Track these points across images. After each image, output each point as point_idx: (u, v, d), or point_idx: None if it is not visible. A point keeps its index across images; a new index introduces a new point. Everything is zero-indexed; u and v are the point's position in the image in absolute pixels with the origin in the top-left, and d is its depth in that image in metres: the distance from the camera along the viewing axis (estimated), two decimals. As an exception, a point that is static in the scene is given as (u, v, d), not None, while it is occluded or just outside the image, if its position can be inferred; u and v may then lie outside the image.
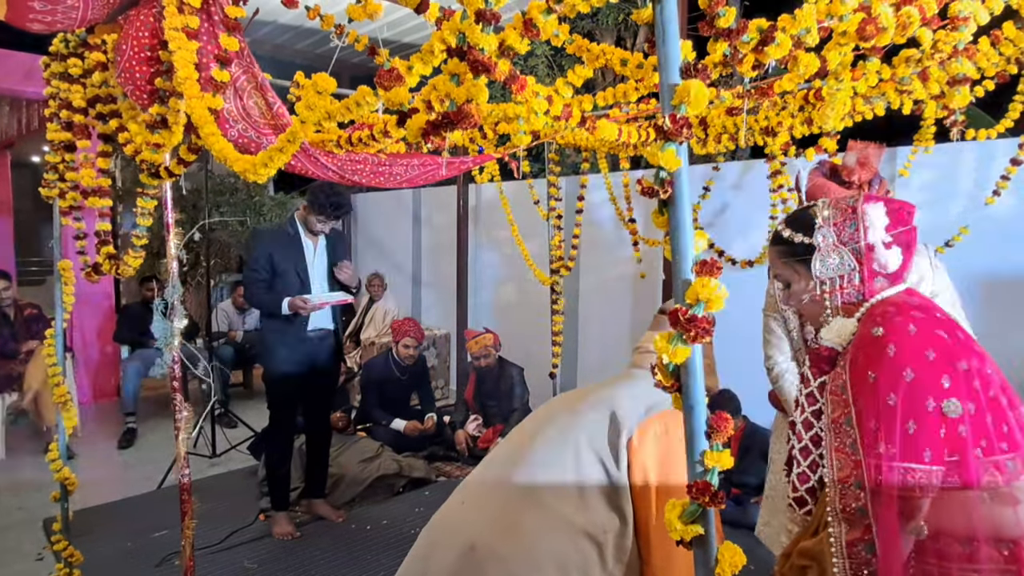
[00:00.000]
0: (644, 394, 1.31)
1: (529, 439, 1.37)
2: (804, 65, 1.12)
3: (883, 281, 1.19)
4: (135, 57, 1.53)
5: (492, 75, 0.82)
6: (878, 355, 1.08)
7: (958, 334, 1.10)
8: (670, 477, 1.20)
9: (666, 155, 0.66)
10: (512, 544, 1.22)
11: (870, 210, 1.19)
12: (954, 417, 1.04)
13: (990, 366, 1.09)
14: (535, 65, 6.04)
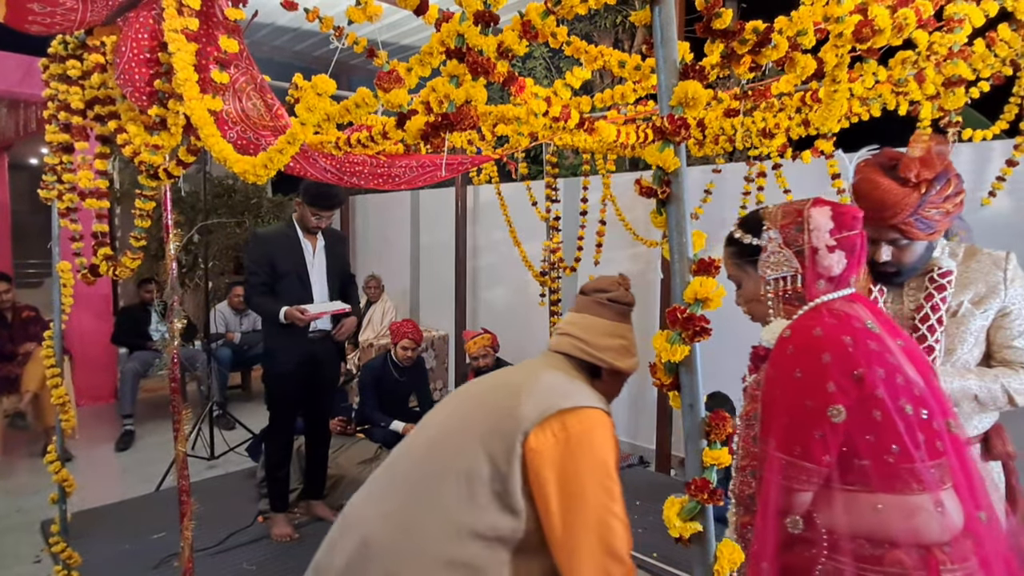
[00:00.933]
0: (550, 388, 1.28)
1: (435, 430, 1.35)
2: (801, 66, 1.13)
3: (825, 284, 1.20)
4: (134, 59, 1.54)
5: (491, 77, 0.83)
6: (780, 353, 1.13)
7: (870, 343, 1.10)
8: (568, 476, 1.17)
9: (664, 155, 0.67)
10: (401, 542, 1.20)
11: (816, 214, 1.21)
12: (837, 422, 1.05)
13: (906, 376, 1.10)
14: (533, 67, 6.05)
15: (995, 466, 1.63)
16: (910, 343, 1.18)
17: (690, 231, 0.70)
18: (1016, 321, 1.50)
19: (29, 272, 8.07)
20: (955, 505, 1.09)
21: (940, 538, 1.06)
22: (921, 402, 1.09)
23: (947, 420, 1.11)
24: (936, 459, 1.08)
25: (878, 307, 1.27)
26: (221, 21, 1.42)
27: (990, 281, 1.52)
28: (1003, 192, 2.84)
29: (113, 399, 5.54)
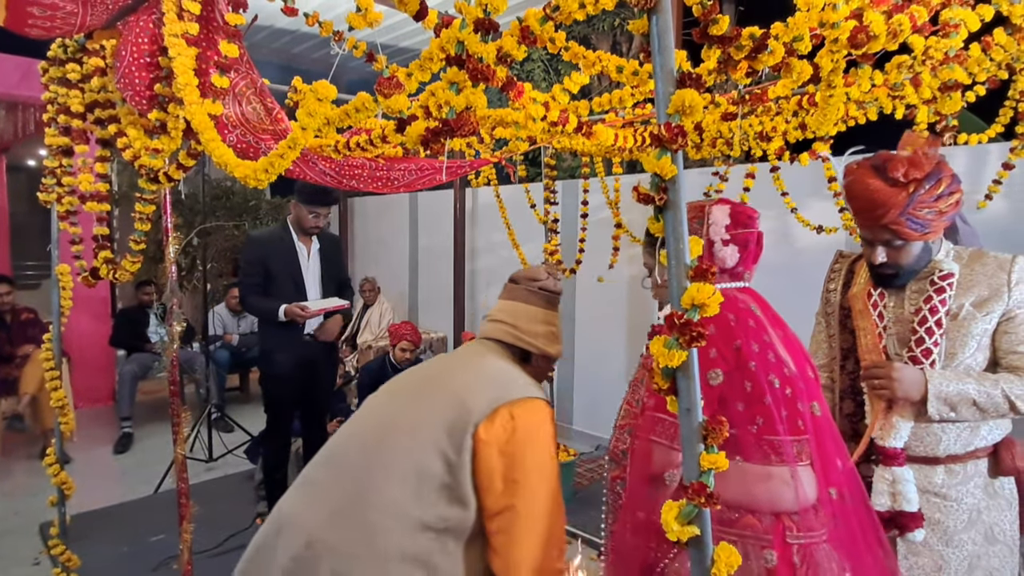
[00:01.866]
0: (494, 379, 1.31)
1: (377, 425, 1.34)
2: (797, 72, 1.14)
3: (719, 275, 1.32)
4: (134, 63, 1.54)
5: (491, 83, 0.84)
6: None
7: (749, 321, 1.21)
8: (515, 464, 1.20)
9: (662, 162, 0.68)
10: (349, 540, 1.20)
11: (715, 210, 1.33)
12: (714, 384, 1.15)
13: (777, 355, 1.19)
14: (532, 70, 6.06)
15: (1006, 482, 1.59)
16: (790, 335, 1.28)
17: (687, 237, 0.71)
18: (1021, 326, 1.48)
19: (27, 274, 8.05)
20: (810, 480, 1.17)
21: (791, 507, 1.14)
22: (788, 381, 1.17)
23: (812, 404, 1.19)
24: (796, 435, 1.16)
25: (765, 301, 1.34)
26: (221, 26, 1.43)
27: (993, 284, 1.49)
28: (999, 195, 2.85)
29: (111, 401, 5.53)
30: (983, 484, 1.56)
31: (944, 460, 1.54)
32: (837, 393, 1.70)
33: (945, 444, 1.53)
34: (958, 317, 1.50)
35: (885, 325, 1.59)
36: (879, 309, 1.60)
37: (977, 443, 1.54)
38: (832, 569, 1.13)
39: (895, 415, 1.51)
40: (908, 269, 1.52)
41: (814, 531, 1.14)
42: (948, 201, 1.46)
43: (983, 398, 1.43)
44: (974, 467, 1.55)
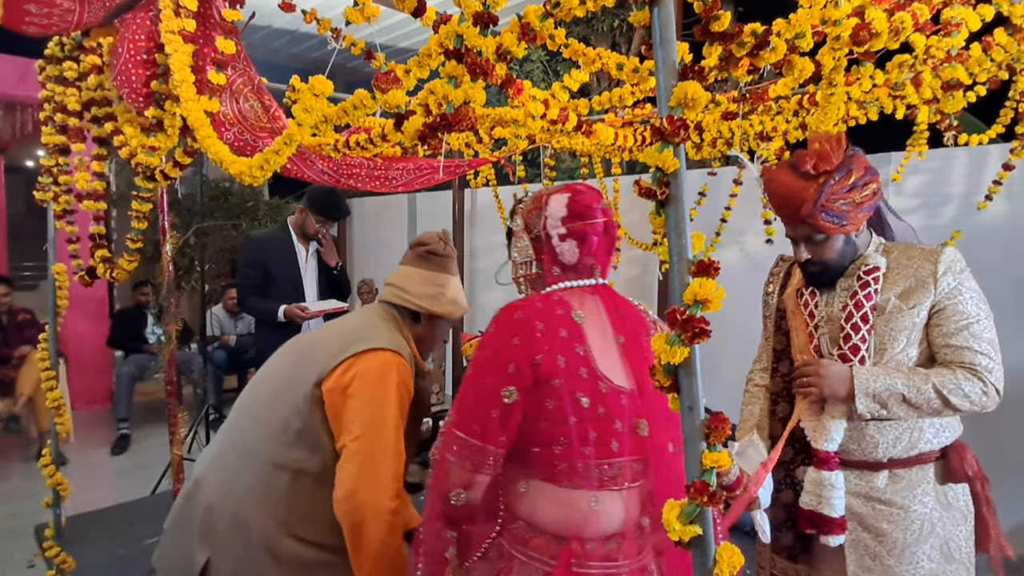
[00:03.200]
0: (347, 334, 1.41)
1: (257, 381, 1.53)
2: (799, 69, 1.13)
3: (560, 271, 1.21)
4: (131, 60, 1.53)
5: (490, 79, 0.83)
6: (486, 333, 1.16)
7: (560, 332, 1.09)
8: (353, 408, 1.29)
9: (664, 156, 0.67)
10: (227, 481, 1.36)
11: (552, 201, 1.21)
12: (509, 402, 1.06)
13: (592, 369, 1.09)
14: (531, 70, 6.06)
15: (960, 493, 1.52)
16: (633, 342, 1.15)
17: (689, 233, 0.70)
18: (952, 318, 1.42)
19: (25, 275, 8.04)
20: (616, 506, 1.08)
21: (582, 534, 1.06)
22: (602, 399, 1.07)
23: (638, 422, 1.08)
24: (607, 458, 1.06)
25: (620, 303, 1.24)
26: (218, 22, 1.42)
27: (920, 275, 1.45)
28: (999, 196, 2.85)
29: (109, 402, 5.51)
30: (934, 492, 1.48)
31: (887, 464, 1.47)
32: (770, 397, 1.66)
33: (884, 447, 1.46)
34: (885, 311, 1.46)
35: (816, 324, 1.55)
36: (809, 308, 1.57)
37: (922, 446, 1.47)
38: None
39: (826, 416, 1.47)
40: (833, 265, 1.50)
41: (610, 561, 1.05)
42: (863, 192, 1.43)
43: (913, 393, 1.37)
44: (920, 472, 1.48)
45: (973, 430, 1.61)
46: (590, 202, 1.20)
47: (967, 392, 1.37)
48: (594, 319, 1.16)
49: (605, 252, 1.22)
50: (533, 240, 1.23)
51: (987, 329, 1.42)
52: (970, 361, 1.39)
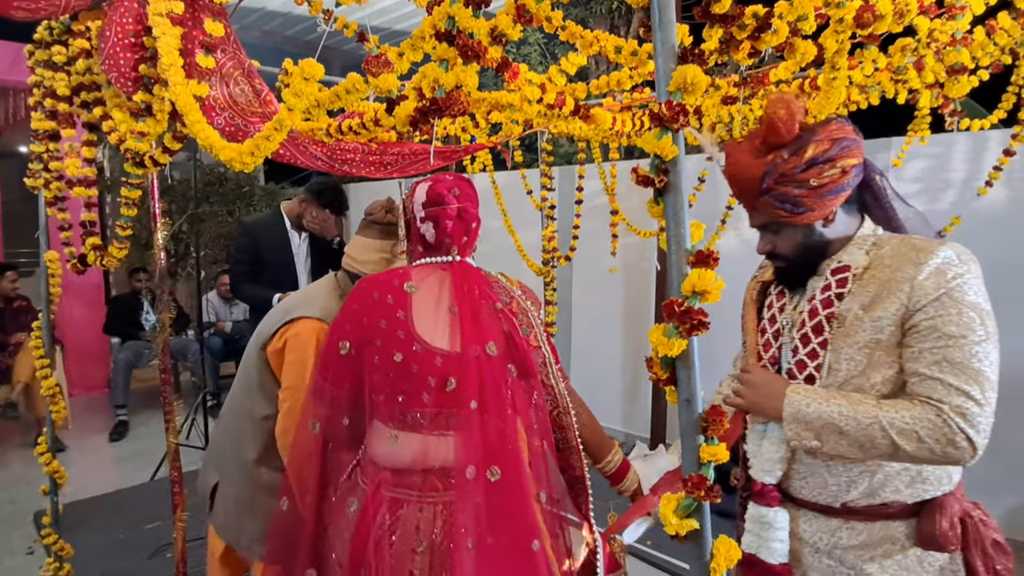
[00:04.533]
0: (291, 303, 1.61)
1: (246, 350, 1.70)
2: (801, 52, 1.11)
3: (422, 249, 1.38)
4: (119, 43, 1.50)
5: (482, 61, 0.80)
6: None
7: (388, 299, 1.29)
8: (285, 371, 1.53)
9: (662, 143, 0.65)
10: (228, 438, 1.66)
11: (418, 189, 1.37)
12: (343, 354, 1.29)
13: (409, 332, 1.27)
14: (528, 54, 6.00)
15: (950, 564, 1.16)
16: (470, 314, 1.27)
17: (688, 221, 0.68)
18: (928, 338, 1.08)
19: (21, 262, 7.99)
20: (413, 447, 1.25)
21: (389, 464, 1.27)
22: (415, 357, 1.24)
23: (448, 379, 1.24)
24: (417, 407, 1.25)
25: (465, 278, 1.33)
26: (207, 4, 1.38)
27: (897, 278, 1.12)
28: (999, 182, 2.83)
29: (106, 389, 5.51)
30: (903, 558, 1.15)
31: (841, 512, 1.19)
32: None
33: (835, 489, 1.18)
34: (845, 322, 1.16)
35: (778, 330, 1.28)
36: (773, 310, 1.32)
37: (887, 495, 1.15)
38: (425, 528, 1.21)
39: (765, 439, 1.24)
40: (796, 261, 1.23)
41: (412, 490, 1.24)
42: (825, 172, 1.12)
43: (852, 427, 1.07)
44: (885, 530, 1.16)
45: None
46: (443, 191, 1.35)
47: (923, 437, 1.04)
48: (429, 291, 1.31)
49: (460, 234, 1.35)
50: (406, 222, 1.41)
51: (976, 357, 1.06)
52: (938, 398, 1.05)
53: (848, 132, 1.16)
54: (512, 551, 1.20)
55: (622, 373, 4.54)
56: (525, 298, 1.40)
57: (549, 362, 1.37)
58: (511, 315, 1.33)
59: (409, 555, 1.19)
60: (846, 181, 1.14)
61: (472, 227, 1.37)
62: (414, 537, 1.20)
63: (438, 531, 1.20)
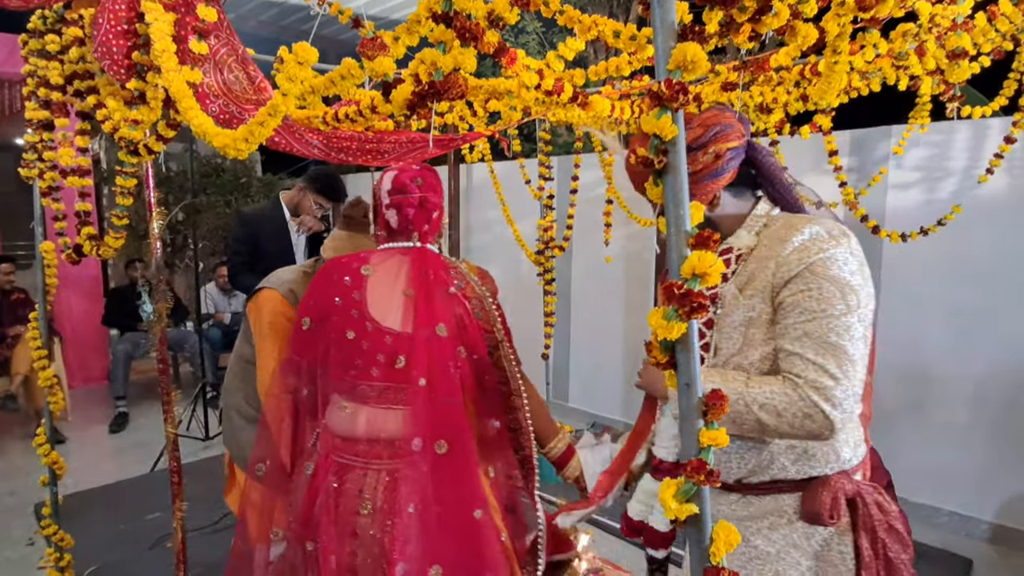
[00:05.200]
0: (272, 274, 1.72)
1: None
2: (802, 36, 1.09)
3: (387, 234, 1.47)
4: (111, 31, 1.48)
5: (480, 44, 0.79)
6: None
7: (345, 279, 1.39)
8: (254, 335, 1.66)
9: (662, 122, 0.64)
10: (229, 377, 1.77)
11: (384, 177, 1.46)
12: (304, 329, 1.40)
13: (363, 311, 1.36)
14: (526, 42, 5.95)
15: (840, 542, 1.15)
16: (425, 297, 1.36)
17: (688, 203, 0.67)
18: (791, 314, 1.08)
19: (18, 254, 7.96)
20: (363, 417, 1.35)
21: (342, 432, 1.36)
22: (367, 335, 1.34)
23: (398, 356, 1.33)
24: (367, 380, 1.34)
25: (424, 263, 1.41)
26: (200, -10, 1.36)
27: (766, 255, 1.13)
28: (1000, 170, 2.82)
29: (106, 381, 5.51)
30: (790, 532, 1.15)
31: (737, 488, 1.21)
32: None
33: (727, 465, 1.20)
34: (725, 302, 1.18)
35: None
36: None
37: (775, 472, 1.16)
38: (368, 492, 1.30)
39: (663, 418, 1.32)
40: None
41: (359, 457, 1.33)
42: (699, 159, 1.15)
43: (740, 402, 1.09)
44: (773, 503, 1.17)
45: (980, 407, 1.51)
46: (407, 180, 1.43)
47: (781, 411, 1.04)
48: (386, 273, 1.40)
49: (422, 222, 1.43)
50: (373, 208, 1.49)
51: (835, 331, 1.04)
52: (795, 372, 1.05)
53: (723, 118, 1.18)
54: (455, 518, 1.28)
55: (622, 363, 4.54)
56: (482, 284, 1.48)
57: (502, 345, 1.45)
58: (464, 299, 1.41)
59: (353, 516, 1.28)
60: (720, 166, 1.16)
61: (434, 215, 1.45)
62: (358, 500, 1.29)
63: (380, 496, 1.28)
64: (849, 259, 1.09)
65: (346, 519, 1.28)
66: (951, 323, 3.15)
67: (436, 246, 1.51)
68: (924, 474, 3.23)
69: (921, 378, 3.25)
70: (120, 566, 2.75)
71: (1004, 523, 3.05)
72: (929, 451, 3.24)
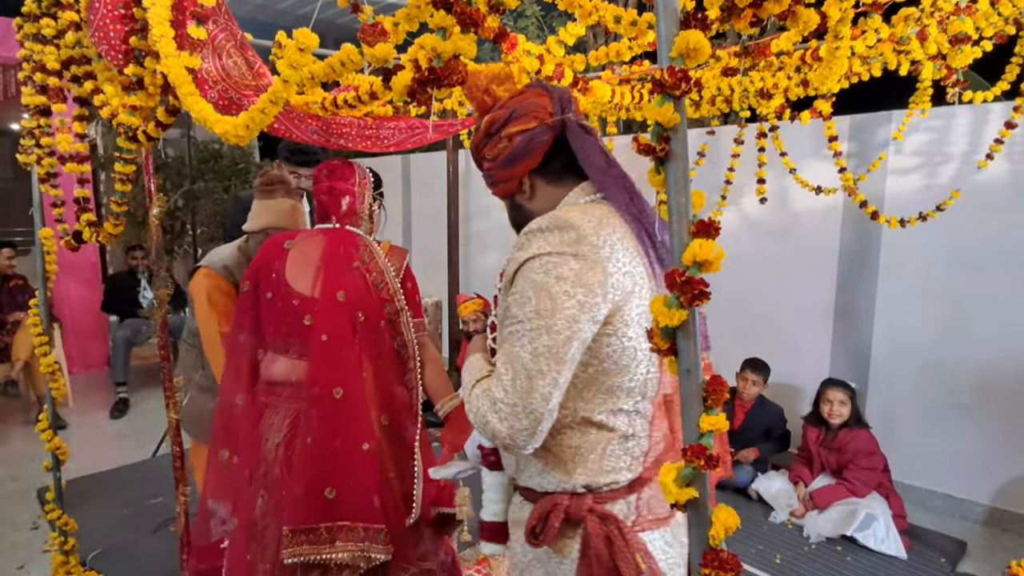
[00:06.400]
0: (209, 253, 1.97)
1: None
2: (804, 20, 1.09)
3: (317, 217, 1.73)
4: (108, 15, 1.47)
5: (480, 30, 0.79)
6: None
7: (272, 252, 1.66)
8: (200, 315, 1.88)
9: (664, 110, 0.64)
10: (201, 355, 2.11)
11: (314, 170, 1.74)
12: (244, 291, 1.66)
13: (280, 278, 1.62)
14: (526, 27, 5.90)
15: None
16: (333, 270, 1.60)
17: (690, 191, 0.68)
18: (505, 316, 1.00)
19: (17, 240, 7.94)
20: (279, 366, 1.62)
21: (266, 377, 1.64)
22: (283, 298, 1.60)
23: (306, 316, 1.59)
24: (284, 336, 1.62)
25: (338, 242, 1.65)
26: (198, -26, 1.35)
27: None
28: (1001, 155, 2.81)
29: (106, 366, 5.52)
30: (546, 554, 1.06)
31: (517, 486, 1.16)
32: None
33: (509, 466, 1.16)
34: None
35: None
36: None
37: (524, 480, 1.11)
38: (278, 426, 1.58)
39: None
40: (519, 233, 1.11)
41: (277, 397, 1.61)
42: (498, 144, 1.07)
43: (464, 394, 1.04)
44: (521, 510, 1.13)
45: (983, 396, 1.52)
46: (318, 172, 1.71)
47: (470, 413, 0.99)
48: (304, 249, 1.65)
49: (335, 207, 1.69)
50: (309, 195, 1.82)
51: (515, 336, 0.94)
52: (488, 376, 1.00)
53: (524, 99, 1.07)
54: (346, 450, 1.53)
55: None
56: (389, 260, 1.71)
57: (402, 312, 1.68)
58: (366, 272, 1.65)
59: (264, 443, 1.59)
60: (512, 150, 1.06)
61: (344, 200, 1.69)
62: (272, 432, 1.58)
63: (286, 429, 1.57)
64: (554, 261, 0.94)
65: (260, 444, 1.59)
66: (948, 308, 3.16)
67: (361, 228, 1.73)
68: (919, 458, 3.26)
69: (918, 363, 3.27)
70: (124, 549, 2.78)
71: (998, 506, 3.09)
72: (925, 435, 3.27)
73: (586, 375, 0.97)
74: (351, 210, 1.70)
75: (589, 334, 0.92)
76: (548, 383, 0.90)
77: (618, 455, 1.00)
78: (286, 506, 1.51)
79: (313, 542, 1.47)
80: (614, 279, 0.93)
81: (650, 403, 1.02)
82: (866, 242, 3.43)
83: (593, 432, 0.98)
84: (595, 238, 0.94)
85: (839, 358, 3.58)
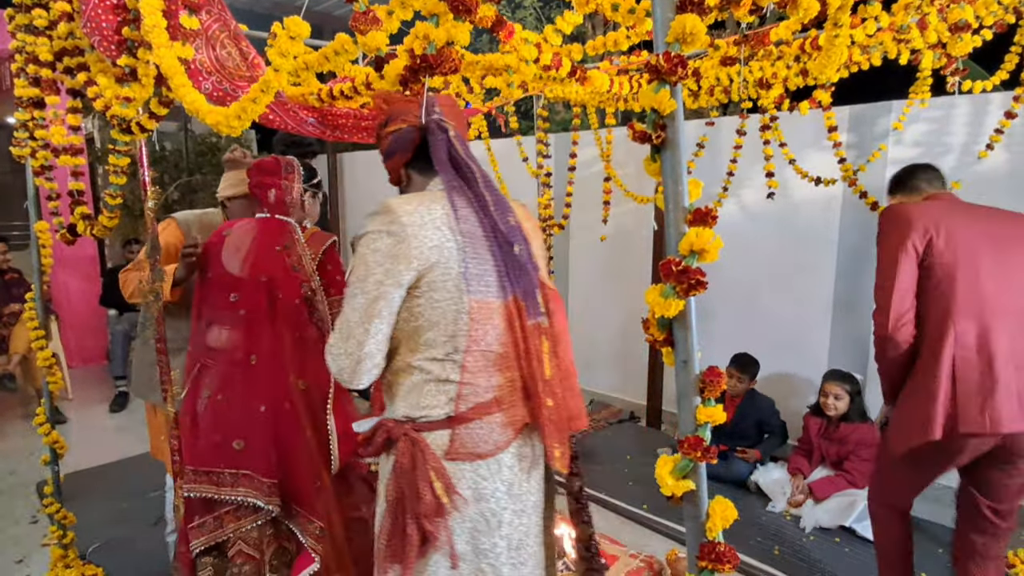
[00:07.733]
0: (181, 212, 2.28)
1: None
2: (803, 8, 1.08)
3: (256, 207, 1.95)
4: (100, 5, 1.45)
5: (473, 16, 0.78)
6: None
7: (214, 237, 1.93)
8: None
9: (660, 96, 0.62)
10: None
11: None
12: (208, 277, 1.91)
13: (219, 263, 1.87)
14: (523, 17, 5.87)
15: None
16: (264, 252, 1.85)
17: (686, 179, 0.67)
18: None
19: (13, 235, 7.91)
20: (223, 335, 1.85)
21: (205, 343, 1.88)
22: (219, 278, 1.86)
23: (232, 293, 1.84)
24: (221, 309, 1.86)
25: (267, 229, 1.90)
26: (190, -37, 1.33)
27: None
28: (1000, 145, 2.80)
29: (105, 360, 5.51)
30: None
31: None
32: None
33: None
34: None
35: None
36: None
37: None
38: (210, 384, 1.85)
39: None
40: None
41: (211, 359, 1.87)
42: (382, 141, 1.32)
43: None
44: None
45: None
46: (249, 169, 1.94)
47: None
48: (239, 236, 1.89)
49: (263, 198, 1.92)
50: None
51: (347, 300, 1.20)
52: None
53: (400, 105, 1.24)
54: (261, 408, 1.78)
55: (620, 341, 4.56)
56: (308, 245, 1.94)
57: (318, 292, 1.90)
58: (286, 256, 1.88)
59: (199, 398, 1.85)
60: (388, 146, 1.29)
61: (270, 193, 1.90)
62: (206, 388, 1.85)
63: (214, 387, 1.84)
64: (373, 238, 1.17)
65: (198, 399, 1.86)
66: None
67: (293, 217, 1.95)
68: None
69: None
70: (123, 543, 2.78)
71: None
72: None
73: (409, 328, 1.19)
74: (279, 200, 1.93)
75: (396, 295, 1.16)
76: (361, 332, 1.16)
77: (434, 394, 1.20)
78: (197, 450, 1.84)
79: (214, 483, 1.80)
80: (418, 251, 1.14)
81: (465, 355, 1.19)
82: (866, 233, 3.42)
83: (415, 374, 1.20)
84: (406, 218, 1.15)
85: (838, 349, 3.58)
